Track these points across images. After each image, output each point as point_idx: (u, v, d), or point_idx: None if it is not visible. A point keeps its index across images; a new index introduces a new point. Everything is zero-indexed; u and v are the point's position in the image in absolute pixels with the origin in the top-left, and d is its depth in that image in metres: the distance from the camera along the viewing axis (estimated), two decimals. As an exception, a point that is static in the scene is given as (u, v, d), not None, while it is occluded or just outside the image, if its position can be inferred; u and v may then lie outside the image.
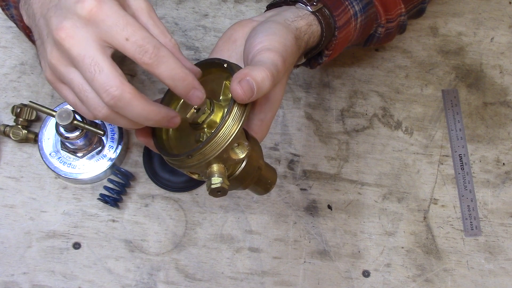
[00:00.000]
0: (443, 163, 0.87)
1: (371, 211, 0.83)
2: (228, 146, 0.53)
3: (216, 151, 0.53)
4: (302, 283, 0.80)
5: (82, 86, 0.51)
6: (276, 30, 0.60)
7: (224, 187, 0.53)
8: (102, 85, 0.50)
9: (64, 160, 0.79)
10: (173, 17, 0.90)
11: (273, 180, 0.62)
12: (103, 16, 0.49)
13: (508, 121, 0.90)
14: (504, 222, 0.84)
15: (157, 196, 0.82)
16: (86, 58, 0.50)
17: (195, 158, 0.53)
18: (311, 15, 0.64)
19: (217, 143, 0.53)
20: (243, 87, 0.53)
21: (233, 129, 0.53)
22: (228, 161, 0.54)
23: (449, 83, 0.91)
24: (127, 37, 0.49)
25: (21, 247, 0.78)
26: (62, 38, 0.50)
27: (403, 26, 0.78)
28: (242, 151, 0.54)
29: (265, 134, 0.61)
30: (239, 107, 0.54)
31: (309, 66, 0.71)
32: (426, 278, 0.81)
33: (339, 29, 0.67)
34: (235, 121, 0.53)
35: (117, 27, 0.49)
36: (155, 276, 0.78)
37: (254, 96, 0.53)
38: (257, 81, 0.53)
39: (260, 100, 0.59)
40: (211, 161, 0.53)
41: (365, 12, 0.70)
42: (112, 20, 0.49)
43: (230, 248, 0.80)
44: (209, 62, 0.59)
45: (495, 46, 0.93)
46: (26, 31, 0.65)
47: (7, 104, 0.83)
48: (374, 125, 0.87)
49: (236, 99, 0.53)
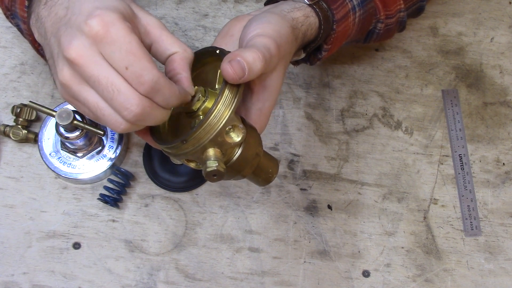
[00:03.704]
0: (443, 163, 0.87)
1: (371, 211, 0.83)
2: (222, 128, 0.53)
3: (210, 135, 0.53)
4: (302, 283, 0.80)
5: (97, 104, 0.52)
6: (271, 19, 0.60)
7: (219, 169, 0.52)
8: (121, 104, 0.50)
9: (64, 160, 0.79)
10: (173, 17, 0.90)
11: (274, 170, 0.62)
12: (109, 40, 0.49)
13: (508, 121, 0.90)
14: (504, 222, 0.84)
15: (157, 196, 0.82)
16: (102, 78, 0.50)
17: (190, 143, 0.53)
18: (308, 7, 0.65)
19: (211, 125, 0.52)
20: (233, 67, 0.53)
21: (226, 111, 0.53)
22: (224, 145, 0.54)
23: (449, 83, 0.91)
24: (126, 66, 0.50)
25: (21, 247, 0.78)
26: (73, 57, 0.50)
27: (402, 23, 0.78)
28: (238, 135, 0.54)
29: (265, 124, 0.61)
30: (230, 89, 0.54)
31: (309, 63, 0.71)
32: (426, 278, 0.81)
33: (337, 22, 0.67)
34: (228, 103, 0.53)
35: (119, 54, 0.49)
36: (155, 276, 0.78)
37: (246, 76, 0.54)
38: (248, 61, 0.54)
39: (257, 89, 0.59)
40: (206, 145, 0.53)
41: (364, 7, 0.70)
42: (116, 46, 0.49)
43: (230, 248, 0.80)
44: (204, 51, 0.59)
45: (495, 46, 0.93)
46: (35, 45, 0.65)
47: (7, 104, 0.83)
48: (374, 125, 0.87)
49: (226, 78, 0.53)
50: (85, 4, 0.51)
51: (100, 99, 0.51)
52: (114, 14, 0.50)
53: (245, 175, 0.59)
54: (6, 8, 0.70)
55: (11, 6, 0.68)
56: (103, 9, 0.50)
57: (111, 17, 0.50)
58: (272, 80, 0.59)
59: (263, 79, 0.59)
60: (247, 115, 0.60)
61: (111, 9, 0.50)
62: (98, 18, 0.49)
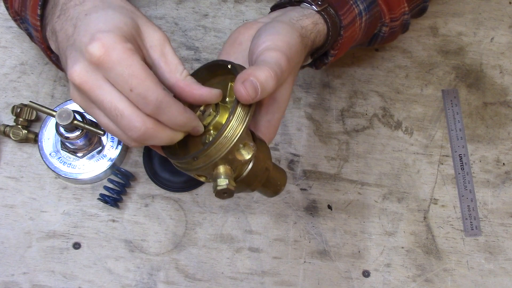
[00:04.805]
0: (443, 163, 0.87)
1: (371, 211, 0.83)
2: (233, 147, 0.53)
3: (221, 152, 0.53)
4: (302, 283, 0.80)
5: (107, 124, 0.54)
6: (280, 29, 0.60)
7: (230, 188, 0.53)
8: (125, 127, 0.51)
9: (64, 160, 0.79)
10: (173, 17, 0.90)
11: (282, 182, 0.62)
12: (111, 64, 0.50)
13: (508, 121, 0.90)
14: (504, 222, 0.84)
15: (157, 196, 0.82)
16: (105, 103, 0.51)
17: (201, 160, 0.53)
18: (317, 14, 0.64)
19: (222, 144, 0.52)
20: (246, 88, 0.53)
21: (238, 129, 0.53)
22: (234, 163, 0.54)
23: (449, 83, 0.91)
24: (131, 88, 0.50)
25: (21, 247, 0.78)
26: (78, 83, 0.51)
27: (406, 25, 0.78)
28: (248, 152, 0.54)
29: (273, 136, 0.61)
30: (243, 108, 0.54)
31: (314, 67, 0.71)
32: (426, 278, 0.81)
33: (345, 28, 0.67)
34: (239, 122, 0.53)
35: (122, 77, 0.50)
36: (155, 276, 0.78)
37: (258, 96, 0.53)
38: (260, 81, 0.53)
39: (267, 101, 0.59)
40: (217, 163, 0.53)
41: (370, 11, 0.70)
42: (118, 70, 0.50)
43: (230, 248, 0.80)
44: (214, 64, 0.59)
45: (495, 46, 0.93)
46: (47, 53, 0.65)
47: (7, 104, 0.83)
48: (374, 125, 0.87)
49: (239, 99, 0.53)
50: (90, 25, 0.52)
51: (108, 120, 0.53)
52: (115, 37, 0.50)
53: (254, 189, 0.59)
54: (16, 12, 0.70)
55: (21, 12, 0.68)
56: (104, 32, 0.50)
57: (112, 40, 0.50)
58: (281, 93, 0.59)
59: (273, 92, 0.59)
60: (256, 127, 0.60)
61: (113, 31, 0.51)
62: (99, 42, 0.50)
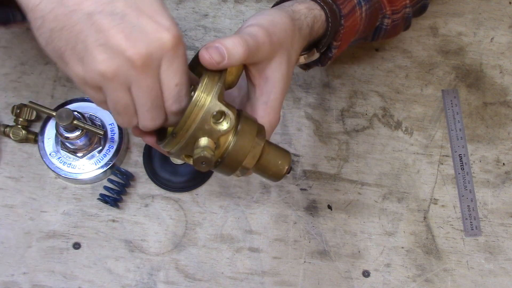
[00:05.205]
0: (443, 163, 0.87)
1: (371, 211, 0.83)
2: (206, 115, 0.52)
3: (195, 123, 0.52)
4: (302, 283, 0.80)
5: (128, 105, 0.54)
6: (267, 12, 0.60)
7: (206, 156, 0.52)
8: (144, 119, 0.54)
9: (64, 160, 0.79)
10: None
11: (284, 162, 0.60)
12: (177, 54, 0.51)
13: (508, 121, 0.90)
14: (504, 222, 0.84)
15: (157, 196, 0.82)
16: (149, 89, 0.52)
17: (179, 136, 0.53)
18: (311, 0, 0.65)
19: (195, 113, 0.52)
20: (210, 52, 0.53)
21: (208, 97, 0.52)
22: (214, 133, 0.53)
23: (449, 83, 0.91)
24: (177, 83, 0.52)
25: (21, 247, 0.78)
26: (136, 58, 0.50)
27: (408, 19, 0.78)
28: (227, 121, 0.53)
29: (273, 119, 0.59)
30: (211, 76, 0.54)
31: (320, 64, 0.71)
32: (426, 278, 0.81)
33: (345, 17, 0.67)
34: (209, 89, 0.53)
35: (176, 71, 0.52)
36: (155, 276, 0.78)
37: (226, 61, 0.53)
38: (226, 47, 0.53)
39: (259, 82, 0.59)
40: (196, 135, 0.53)
41: (369, 1, 0.70)
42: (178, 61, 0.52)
43: (230, 248, 0.80)
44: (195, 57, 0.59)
45: (495, 46, 0.93)
46: None
47: (7, 104, 0.83)
48: (374, 125, 0.87)
49: (203, 63, 0.53)
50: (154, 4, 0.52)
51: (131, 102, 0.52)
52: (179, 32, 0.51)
53: (249, 167, 0.57)
54: None
55: None
56: (174, 24, 0.51)
57: (179, 34, 0.51)
58: (272, 71, 0.58)
59: (262, 70, 0.58)
60: (253, 111, 0.59)
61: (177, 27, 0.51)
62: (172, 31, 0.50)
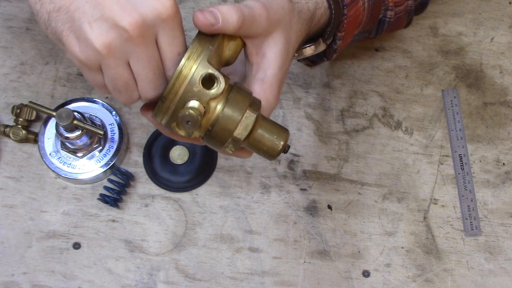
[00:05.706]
0: (443, 163, 0.87)
1: (371, 211, 0.83)
2: (195, 76, 0.52)
3: (184, 85, 0.52)
4: (302, 283, 0.80)
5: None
6: None
7: (192, 114, 0.51)
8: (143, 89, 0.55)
9: (64, 160, 0.79)
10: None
11: (281, 137, 0.57)
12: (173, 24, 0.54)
13: (508, 121, 0.90)
14: (504, 222, 0.84)
15: (157, 196, 0.82)
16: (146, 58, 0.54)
17: (168, 100, 0.52)
18: None
19: (184, 75, 0.52)
20: (204, 14, 0.53)
21: (198, 59, 0.52)
22: (203, 97, 0.52)
23: (449, 83, 0.91)
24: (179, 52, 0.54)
25: (21, 247, 0.78)
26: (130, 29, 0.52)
27: (410, 13, 0.78)
28: (217, 84, 0.53)
29: (271, 96, 0.58)
30: (203, 39, 0.53)
31: (325, 58, 0.71)
32: (426, 278, 0.81)
33: (348, 6, 0.67)
34: (199, 52, 0.52)
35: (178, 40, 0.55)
36: (155, 276, 0.78)
37: (219, 24, 0.54)
38: (221, 11, 0.54)
39: (256, 59, 0.58)
40: (185, 98, 0.52)
41: None
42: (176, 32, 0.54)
43: (230, 248, 0.80)
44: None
45: (495, 46, 0.93)
46: None
47: (7, 104, 0.83)
48: (374, 125, 0.87)
49: (197, 25, 0.53)
50: None
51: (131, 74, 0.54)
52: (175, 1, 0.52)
53: (240, 138, 0.55)
54: None
55: None
56: None
57: (175, 2, 0.52)
58: (269, 47, 0.58)
59: (259, 45, 0.58)
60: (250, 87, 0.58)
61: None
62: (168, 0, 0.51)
